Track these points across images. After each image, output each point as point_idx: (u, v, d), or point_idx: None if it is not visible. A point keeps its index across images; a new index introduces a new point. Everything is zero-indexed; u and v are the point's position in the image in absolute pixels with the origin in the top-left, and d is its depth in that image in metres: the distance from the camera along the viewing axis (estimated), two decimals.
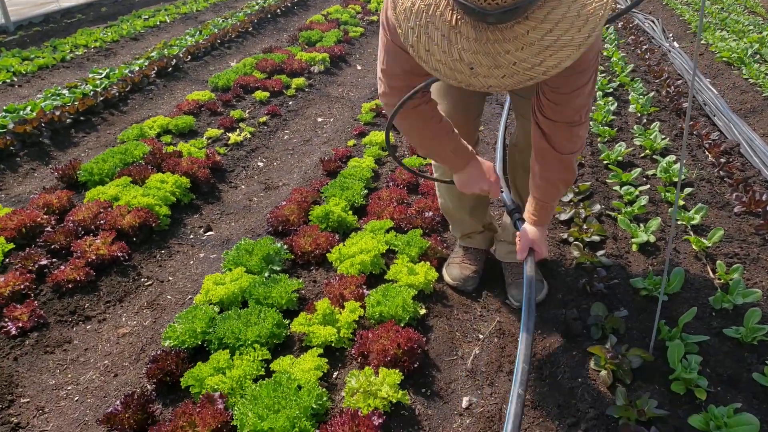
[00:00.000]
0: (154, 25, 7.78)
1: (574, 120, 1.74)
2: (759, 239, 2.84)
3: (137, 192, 3.28)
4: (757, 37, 5.60)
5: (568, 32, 1.24)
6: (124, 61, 6.31)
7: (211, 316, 2.33)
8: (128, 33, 7.34)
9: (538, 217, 2.02)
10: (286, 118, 4.84)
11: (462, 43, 1.29)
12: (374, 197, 3.25)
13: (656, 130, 3.82)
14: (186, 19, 8.22)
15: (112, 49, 6.88)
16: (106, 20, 8.27)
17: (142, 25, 7.69)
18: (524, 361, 1.62)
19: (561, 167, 1.89)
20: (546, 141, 1.82)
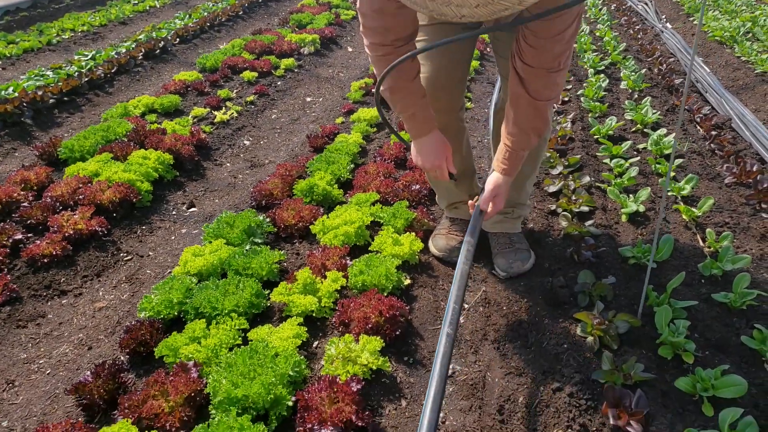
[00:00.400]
0: (143, 9, 7.68)
1: (552, 66, 1.69)
2: (749, 209, 2.79)
3: (118, 168, 3.21)
4: (750, 16, 5.54)
5: None
6: (112, 44, 6.22)
7: (188, 287, 2.27)
8: (116, 17, 7.24)
9: (508, 165, 1.96)
10: (275, 97, 4.77)
11: None
12: (361, 171, 3.18)
13: (647, 105, 3.76)
14: (176, 4, 8.12)
15: (100, 33, 6.78)
16: (94, 5, 8.15)
17: (131, 9, 7.59)
18: (455, 301, 1.60)
19: (535, 114, 1.84)
20: (522, 86, 1.77)
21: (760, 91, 4.16)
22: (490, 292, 2.38)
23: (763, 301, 2.16)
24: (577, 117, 3.82)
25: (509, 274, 2.40)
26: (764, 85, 4.22)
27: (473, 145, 3.55)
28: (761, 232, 2.61)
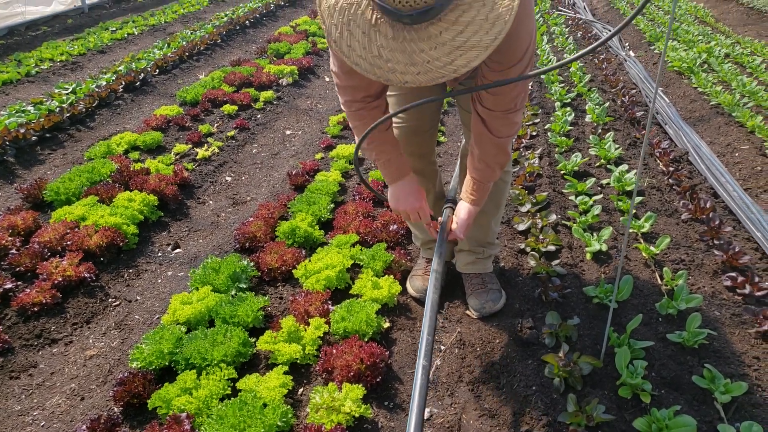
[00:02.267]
0: (121, 37, 7.75)
1: (509, 108, 1.88)
2: (703, 245, 3.00)
3: (104, 211, 3.31)
4: (705, 47, 5.82)
5: (477, 34, 1.36)
6: (91, 75, 6.28)
7: (178, 336, 2.38)
8: (95, 46, 7.30)
9: (476, 196, 2.14)
10: (255, 131, 4.89)
11: (381, 41, 1.40)
12: (340, 211, 3.32)
13: (610, 140, 3.97)
14: (154, 31, 8.20)
15: (79, 62, 6.84)
16: (72, 32, 8.19)
17: (110, 37, 7.65)
18: (428, 333, 1.72)
19: (497, 150, 2.01)
20: (485, 127, 1.94)
21: (714, 124, 4.41)
22: (464, 333, 2.53)
23: (713, 339, 2.35)
24: (545, 152, 4.02)
25: (482, 314, 2.56)
26: (718, 118, 4.47)
27: (446, 180, 3.72)
28: (713, 268, 2.81)
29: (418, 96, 2.29)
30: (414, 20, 1.34)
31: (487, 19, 1.36)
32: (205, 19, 8.98)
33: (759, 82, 5.03)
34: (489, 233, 2.58)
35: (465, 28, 1.36)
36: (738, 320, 2.48)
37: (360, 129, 2.07)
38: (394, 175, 2.15)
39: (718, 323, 2.46)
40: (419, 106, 2.30)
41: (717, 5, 8.06)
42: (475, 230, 2.54)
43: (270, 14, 8.96)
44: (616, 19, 7.87)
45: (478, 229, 2.54)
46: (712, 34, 6.47)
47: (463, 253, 2.69)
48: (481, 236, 2.57)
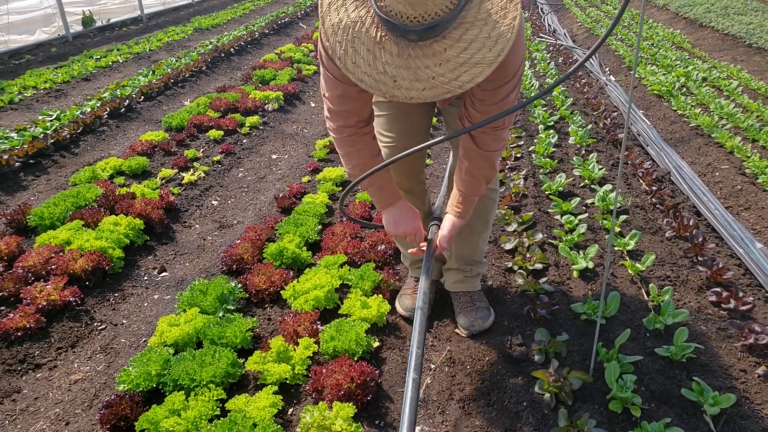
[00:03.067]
0: (106, 65, 7.77)
1: (498, 126, 1.91)
2: (687, 261, 3.04)
3: (90, 235, 3.28)
4: (684, 71, 5.98)
5: (481, 51, 1.40)
6: (76, 102, 6.27)
7: (165, 358, 2.35)
8: (79, 74, 7.31)
9: (462, 209, 2.15)
10: (240, 156, 4.90)
11: (386, 58, 1.43)
12: (328, 232, 3.33)
13: (594, 161, 4.04)
14: (139, 59, 8.24)
15: (63, 89, 6.84)
16: (56, 61, 8.20)
17: (94, 65, 7.66)
18: (417, 347, 1.70)
19: (485, 163, 2.04)
20: (473, 142, 1.98)
21: (694, 144, 4.51)
22: (454, 351, 2.53)
23: (700, 353, 2.37)
24: (530, 173, 4.07)
25: (471, 332, 2.56)
26: (698, 139, 4.57)
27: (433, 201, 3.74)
28: (698, 284, 2.85)
29: (406, 115, 2.33)
30: (419, 37, 1.38)
31: (489, 37, 1.40)
32: (190, 47, 9.04)
33: (736, 104, 5.16)
34: (477, 251, 2.59)
35: (469, 45, 1.40)
36: (724, 334, 2.51)
37: (352, 156, 2.06)
38: (388, 200, 2.16)
39: (704, 337, 2.49)
40: (409, 129, 2.35)
41: (693, 32, 8.30)
42: (463, 248, 2.56)
43: (255, 42, 9.06)
44: None
45: (466, 247, 2.56)
46: (690, 59, 6.65)
47: (451, 271, 2.70)
48: (469, 254, 2.59)
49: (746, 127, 4.55)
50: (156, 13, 11.81)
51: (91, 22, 10.03)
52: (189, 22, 10.99)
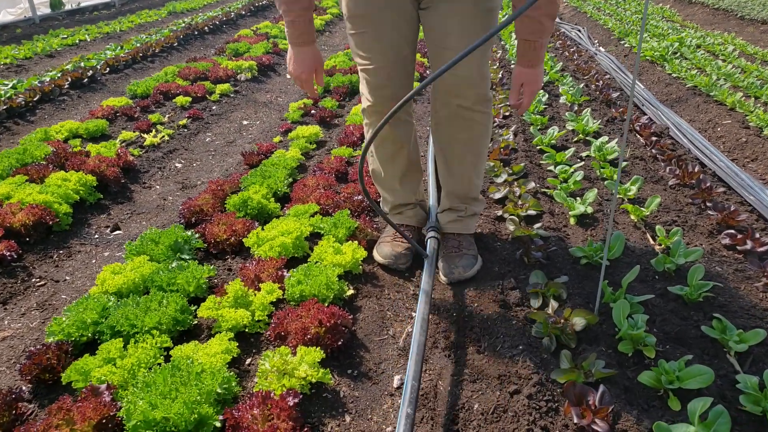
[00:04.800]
0: (72, 43, 7.39)
1: None
2: (695, 208, 2.77)
3: (33, 189, 2.93)
4: (677, 38, 5.76)
5: None
6: (36, 74, 5.90)
7: (104, 305, 2.02)
8: (43, 50, 6.93)
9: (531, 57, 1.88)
10: (209, 121, 4.57)
11: None
12: (299, 185, 3.01)
13: (588, 116, 3.77)
14: (108, 39, 7.87)
15: (25, 65, 6.46)
16: (20, 41, 7.80)
17: (60, 42, 7.28)
18: (413, 378, 1.54)
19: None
20: None
21: (692, 103, 4.26)
22: (439, 299, 2.22)
23: (718, 293, 2.09)
24: (519, 130, 3.79)
25: (450, 280, 2.26)
26: (696, 98, 4.33)
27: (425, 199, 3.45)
28: (708, 228, 2.57)
29: (384, 33, 2.02)
30: None
31: None
32: (163, 28, 8.68)
33: (734, 66, 4.93)
34: (471, 187, 2.30)
35: None
36: (742, 275, 2.23)
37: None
38: (294, 38, 2.00)
39: (720, 279, 2.20)
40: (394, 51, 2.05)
41: (683, 8, 8.11)
42: (455, 184, 2.29)
43: (230, 22, 8.72)
44: (582, 21, 7.84)
45: (458, 182, 2.29)
46: (682, 29, 6.44)
47: (444, 212, 2.42)
48: (463, 190, 2.31)
49: (746, 85, 4.31)
50: None
51: (59, 5, 9.64)
52: (163, 7, 10.63)
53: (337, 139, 3.88)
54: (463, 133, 2.12)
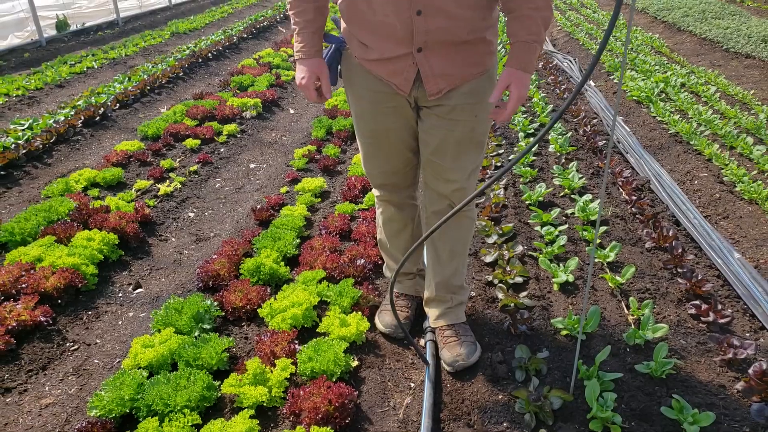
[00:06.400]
0: (81, 71, 7.62)
1: None
2: (667, 273, 3.04)
3: (62, 252, 3.19)
4: (662, 77, 6.02)
5: None
6: (49, 110, 6.14)
7: (139, 382, 2.29)
8: (53, 80, 7.16)
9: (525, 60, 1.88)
10: (218, 165, 4.83)
11: None
12: (306, 246, 3.28)
13: (574, 170, 4.04)
14: (115, 65, 8.10)
15: (36, 96, 6.69)
16: (29, 66, 8.03)
17: (68, 71, 7.52)
18: None
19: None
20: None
21: (673, 152, 4.53)
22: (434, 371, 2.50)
23: (680, 369, 2.37)
24: (510, 182, 4.06)
25: (455, 368, 2.40)
26: (677, 146, 4.60)
27: None
28: (677, 296, 2.85)
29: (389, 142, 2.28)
30: None
31: None
32: (167, 52, 8.91)
33: (714, 110, 5.20)
34: (457, 276, 2.49)
35: None
36: (703, 348, 2.51)
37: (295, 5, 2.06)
38: (299, 50, 2.12)
39: (684, 352, 2.48)
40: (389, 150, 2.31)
41: (671, 36, 8.37)
42: (443, 274, 2.47)
43: (233, 47, 8.96)
44: (575, 50, 8.10)
45: (445, 272, 2.46)
46: (668, 64, 6.70)
47: (431, 303, 2.58)
48: (449, 280, 2.48)
49: (724, 134, 4.59)
50: (132, 16, 11.64)
51: (65, 26, 9.85)
52: (166, 26, 10.85)
53: (340, 191, 4.14)
54: (453, 230, 2.38)
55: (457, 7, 1.88)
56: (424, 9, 1.86)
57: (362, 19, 2.00)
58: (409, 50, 1.96)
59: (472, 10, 1.91)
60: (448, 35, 1.93)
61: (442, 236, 2.41)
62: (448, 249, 2.43)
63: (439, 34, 1.92)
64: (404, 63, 2.01)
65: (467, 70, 2.05)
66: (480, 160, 2.29)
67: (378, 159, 2.37)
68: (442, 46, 1.96)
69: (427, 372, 2.41)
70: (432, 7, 1.86)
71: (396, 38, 1.96)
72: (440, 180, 2.27)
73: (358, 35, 2.07)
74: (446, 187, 2.28)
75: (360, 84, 2.20)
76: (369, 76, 2.14)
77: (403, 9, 1.87)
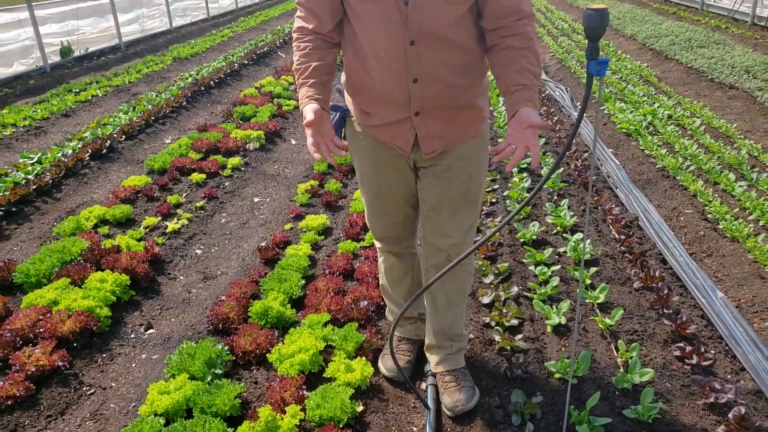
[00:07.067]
0: (85, 99, 7.79)
1: None
2: (654, 313, 3.21)
3: (77, 294, 3.34)
4: (650, 109, 6.23)
5: None
6: (56, 141, 6.30)
7: (157, 430, 2.43)
8: (59, 109, 7.33)
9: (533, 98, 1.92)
10: (223, 200, 4.99)
11: None
12: (311, 288, 3.43)
13: (565, 208, 4.21)
14: (118, 92, 8.28)
15: (43, 127, 6.86)
16: (34, 94, 8.21)
17: (73, 100, 7.69)
18: None
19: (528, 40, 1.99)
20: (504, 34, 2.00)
21: (661, 187, 4.72)
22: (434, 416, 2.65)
23: (665, 413, 2.52)
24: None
25: (455, 413, 2.54)
26: (664, 181, 4.78)
27: None
28: (664, 338, 3.01)
29: (390, 199, 2.45)
30: None
31: None
32: (169, 78, 9.10)
33: (699, 144, 5.40)
34: (456, 324, 2.63)
35: None
36: (687, 391, 2.67)
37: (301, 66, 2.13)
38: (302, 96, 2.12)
39: (670, 395, 2.64)
40: (390, 205, 2.48)
41: (659, 64, 8.61)
42: (442, 322, 2.61)
43: (234, 73, 9.15)
44: (567, 77, 8.32)
45: (444, 320, 2.60)
46: (656, 95, 6.91)
47: (432, 350, 2.71)
48: (449, 328, 2.62)
49: (708, 169, 4.77)
50: (134, 41, 11.84)
51: (69, 52, 10.04)
52: (168, 50, 11.05)
53: (342, 227, 4.30)
54: (450, 283, 2.54)
55: (450, 76, 2.07)
56: (420, 77, 2.05)
57: (364, 88, 2.18)
58: (407, 114, 2.15)
59: (464, 78, 2.11)
60: (443, 101, 2.12)
61: (439, 288, 2.56)
62: (445, 300, 2.58)
63: (434, 99, 2.11)
64: (403, 127, 2.19)
65: (460, 133, 2.24)
66: (476, 216, 2.46)
67: (380, 214, 2.54)
68: (437, 110, 2.15)
69: (428, 417, 2.56)
70: (427, 75, 2.05)
71: (395, 104, 2.14)
72: (438, 235, 2.44)
73: (360, 104, 2.25)
74: (444, 242, 2.44)
75: (364, 146, 2.37)
76: (372, 139, 2.32)
77: (400, 77, 2.06)
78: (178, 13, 13.83)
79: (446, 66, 2.05)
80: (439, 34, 1.99)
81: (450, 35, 2.01)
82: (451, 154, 2.25)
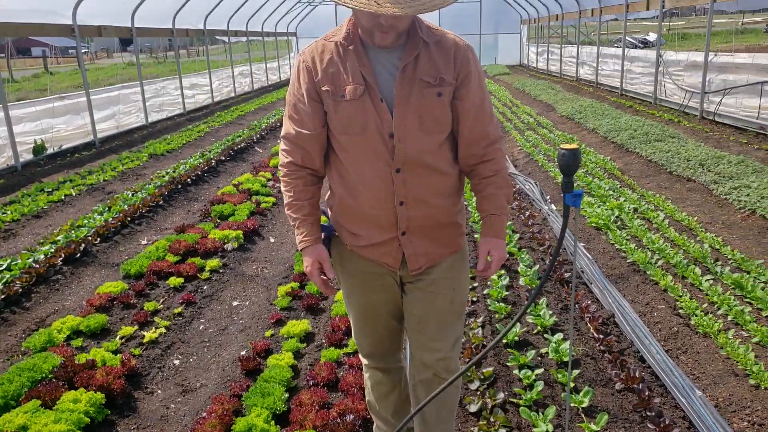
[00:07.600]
0: (58, 199, 7.78)
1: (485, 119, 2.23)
2: (637, 416, 3.22)
3: (48, 418, 3.20)
4: (617, 203, 6.49)
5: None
6: (26, 246, 6.22)
7: None
8: (30, 210, 7.28)
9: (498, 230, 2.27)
10: (201, 305, 4.94)
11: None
12: (295, 401, 3.37)
13: (544, 306, 4.29)
14: (93, 191, 8.29)
15: (12, 229, 6.78)
16: (5, 193, 8.16)
17: (46, 200, 7.66)
18: None
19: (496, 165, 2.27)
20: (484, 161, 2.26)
21: (633, 282, 4.85)
22: None
23: None
24: (486, 320, 4.28)
25: None
26: (635, 276, 4.93)
27: None
28: None
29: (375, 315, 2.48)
30: None
31: None
32: (145, 176, 9.17)
33: (665, 238, 5.61)
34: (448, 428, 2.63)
35: None
36: None
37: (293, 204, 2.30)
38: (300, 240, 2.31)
39: None
40: (376, 321, 2.51)
41: (621, 156, 9.05)
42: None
43: (211, 170, 9.29)
44: (535, 171, 8.66)
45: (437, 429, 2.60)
46: (621, 188, 7.22)
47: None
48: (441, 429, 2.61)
49: (675, 263, 4.94)
50: (109, 137, 12.00)
51: (42, 150, 10.10)
52: (143, 146, 11.19)
53: (324, 333, 4.27)
54: (441, 400, 2.54)
55: (433, 197, 2.26)
56: (406, 200, 2.22)
57: (351, 213, 2.30)
58: (394, 234, 2.26)
59: (445, 199, 2.30)
60: (427, 220, 2.28)
61: (429, 405, 2.55)
62: (435, 417, 2.57)
63: (419, 220, 2.27)
64: (391, 246, 2.30)
65: (444, 249, 2.37)
66: (461, 330, 2.51)
67: (367, 332, 2.56)
68: (422, 229, 2.29)
69: None
70: (413, 198, 2.22)
71: (382, 226, 2.25)
72: (425, 350, 2.46)
73: (348, 227, 2.35)
74: (431, 357, 2.46)
75: (351, 266, 2.44)
76: (359, 258, 2.39)
77: (388, 201, 2.21)
78: (154, 109, 14.14)
79: (429, 189, 2.24)
80: (422, 161, 2.19)
81: (431, 161, 2.22)
82: (437, 268, 2.36)
